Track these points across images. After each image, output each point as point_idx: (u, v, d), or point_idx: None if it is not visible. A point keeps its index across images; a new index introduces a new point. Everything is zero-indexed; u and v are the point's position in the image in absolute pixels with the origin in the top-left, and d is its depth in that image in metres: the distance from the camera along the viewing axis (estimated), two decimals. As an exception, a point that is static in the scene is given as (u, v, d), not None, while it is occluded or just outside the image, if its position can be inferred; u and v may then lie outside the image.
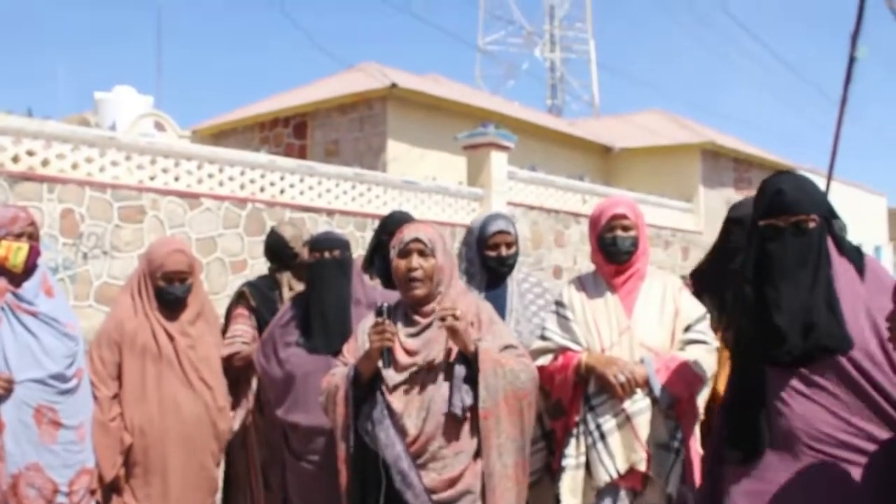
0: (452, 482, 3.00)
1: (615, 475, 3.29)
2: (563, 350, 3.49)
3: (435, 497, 2.99)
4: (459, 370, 3.04)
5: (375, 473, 3.03)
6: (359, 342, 3.23)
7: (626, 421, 3.32)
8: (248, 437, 4.23)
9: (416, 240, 3.14)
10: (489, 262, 3.97)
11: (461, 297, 3.22)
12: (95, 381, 3.70)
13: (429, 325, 3.13)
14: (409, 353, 3.09)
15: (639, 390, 3.32)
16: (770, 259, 2.68)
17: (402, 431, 3.02)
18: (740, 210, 3.70)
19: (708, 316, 3.52)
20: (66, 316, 3.66)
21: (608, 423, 3.34)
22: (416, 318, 3.16)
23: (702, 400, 3.50)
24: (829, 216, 2.71)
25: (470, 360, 3.04)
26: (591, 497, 3.35)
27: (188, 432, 3.77)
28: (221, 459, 4.07)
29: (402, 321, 3.17)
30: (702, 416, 3.50)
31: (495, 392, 3.01)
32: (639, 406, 3.32)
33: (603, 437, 3.33)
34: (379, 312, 3.08)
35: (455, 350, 3.06)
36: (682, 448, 3.35)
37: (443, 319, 2.98)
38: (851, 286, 2.64)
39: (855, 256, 2.70)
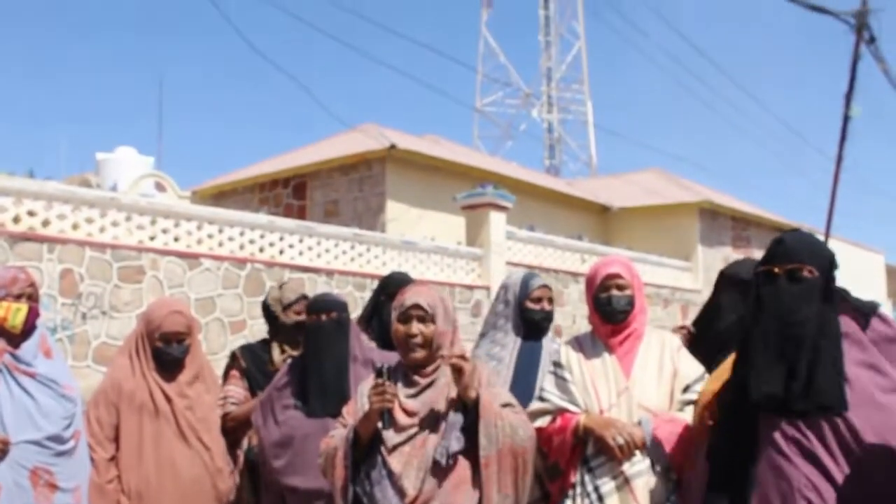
0: None
1: None
2: (561, 411, 3.48)
3: None
4: (455, 417, 3.03)
5: None
6: (358, 403, 3.22)
7: (624, 483, 3.29)
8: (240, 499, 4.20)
9: (417, 306, 3.13)
10: (533, 314, 4.04)
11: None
12: (92, 443, 3.69)
13: (429, 386, 3.13)
14: (409, 413, 3.08)
15: (638, 452, 3.30)
16: (763, 304, 2.70)
17: (400, 492, 2.99)
18: (732, 268, 3.73)
19: (706, 376, 3.52)
20: (64, 377, 3.65)
21: (606, 485, 3.31)
22: (416, 378, 3.16)
23: None
24: (831, 275, 2.72)
25: (469, 407, 3.02)
26: None
27: (186, 494, 3.75)
28: None
29: (402, 381, 3.17)
30: None
31: (495, 442, 2.99)
32: (637, 468, 3.29)
33: (601, 498, 3.30)
34: (379, 374, 3.08)
35: (451, 403, 3.05)
36: None
37: (452, 366, 2.97)
38: (852, 342, 2.64)
39: (862, 312, 2.71)
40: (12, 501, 3.34)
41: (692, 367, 3.51)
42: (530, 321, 4.04)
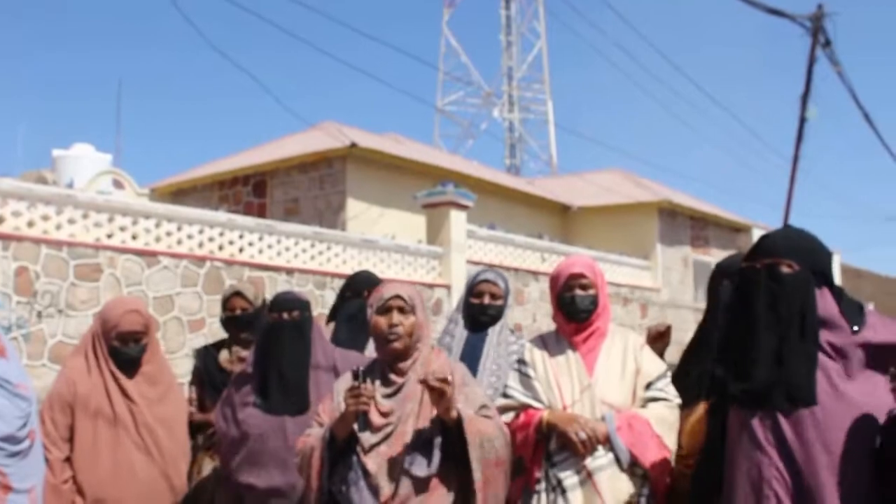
0: None
1: None
2: (524, 408, 3.49)
3: None
4: (433, 434, 3.03)
5: None
6: (335, 402, 3.21)
7: (587, 477, 3.31)
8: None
9: (397, 296, 3.16)
10: (472, 308, 4.12)
11: (435, 356, 3.24)
12: (47, 444, 3.62)
13: (404, 385, 3.13)
14: (384, 414, 3.08)
15: (600, 447, 3.32)
16: (741, 299, 2.71)
17: (375, 493, 3.00)
18: (726, 262, 3.63)
19: (669, 374, 3.54)
20: (18, 377, 3.57)
21: (570, 478, 3.33)
22: (393, 377, 3.16)
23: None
24: (820, 271, 2.70)
25: (448, 426, 3.02)
26: None
27: (143, 496, 3.70)
28: None
29: (379, 380, 3.17)
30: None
31: (481, 461, 3.01)
32: (600, 462, 3.32)
33: (564, 492, 3.32)
34: (355, 376, 3.07)
35: (428, 410, 3.05)
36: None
37: (428, 386, 2.93)
38: (836, 340, 2.62)
39: (851, 312, 2.68)
40: (-36, 504, 3.27)
41: (654, 365, 3.55)
42: (471, 315, 4.13)
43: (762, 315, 2.64)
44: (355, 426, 3.05)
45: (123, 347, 3.79)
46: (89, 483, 3.65)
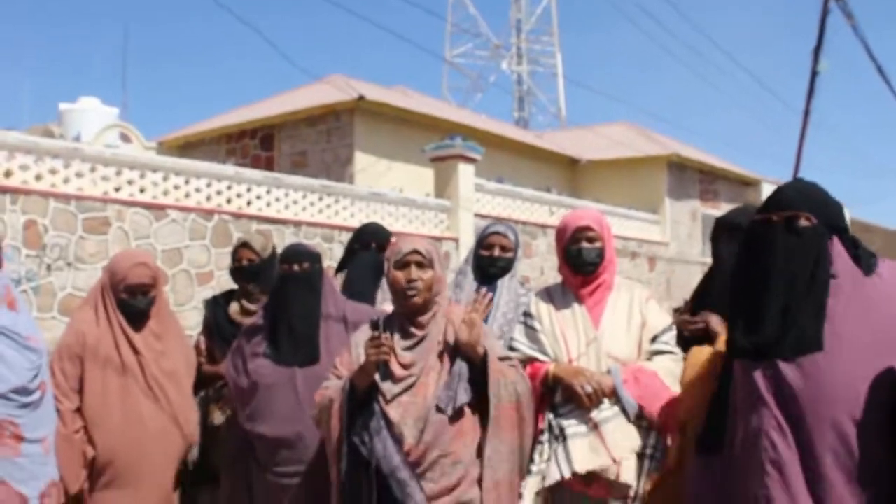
0: (451, 490, 3.02)
1: (567, 475, 3.27)
2: (530, 360, 3.51)
3: None
4: (461, 368, 3.07)
5: (369, 486, 3.04)
6: (353, 354, 3.24)
7: (593, 428, 3.33)
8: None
9: (415, 251, 3.16)
10: (482, 260, 4.08)
11: (454, 309, 3.26)
12: (58, 395, 3.65)
13: (424, 338, 3.16)
14: (405, 366, 3.11)
15: (606, 400, 3.33)
16: (758, 253, 2.66)
17: (399, 441, 3.03)
18: (729, 216, 3.61)
19: (674, 327, 3.54)
20: (28, 329, 3.60)
21: (573, 427, 3.35)
22: (413, 330, 3.18)
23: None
24: (833, 223, 2.65)
25: (473, 364, 3.07)
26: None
27: (153, 446, 3.73)
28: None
29: (399, 333, 3.19)
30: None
31: (501, 399, 3.05)
32: (606, 414, 3.33)
33: (565, 439, 3.33)
34: (375, 326, 3.09)
35: (448, 364, 3.09)
36: (659, 455, 3.34)
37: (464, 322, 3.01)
38: (852, 295, 2.59)
39: (865, 260, 2.64)
40: (-24, 454, 3.30)
41: (660, 318, 3.55)
42: (481, 267, 4.11)
43: (778, 268, 2.59)
44: (376, 376, 3.08)
45: (131, 300, 3.80)
46: (100, 433, 3.68)
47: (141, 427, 3.71)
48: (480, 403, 3.09)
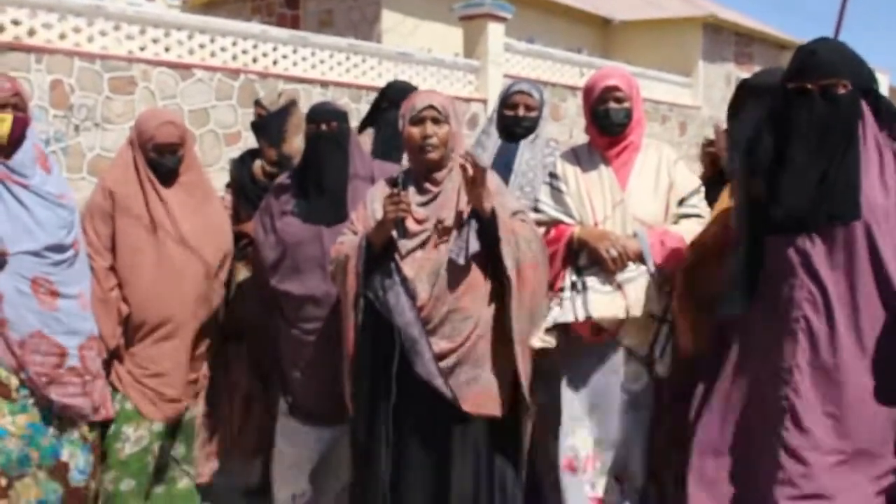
0: (459, 347, 3.07)
1: (581, 318, 3.30)
2: (555, 223, 3.50)
3: (442, 364, 3.06)
4: (471, 221, 3.07)
5: (385, 342, 3.09)
6: (368, 210, 3.25)
7: (617, 288, 3.33)
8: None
9: (430, 107, 3.13)
10: (506, 119, 4.07)
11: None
12: (91, 252, 3.69)
13: (439, 194, 3.16)
14: (420, 221, 3.13)
15: (631, 264, 3.33)
16: (793, 123, 2.55)
17: (412, 296, 3.07)
18: (757, 78, 3.33)
19: (702, 189, 3.51)
20: (59, 188, 3.62)
21: (597, 285, 3.35)
22: (428, 185, 3.19)
23: None
24: (867, 87, 2.57)
25: (484, 219, 3.07)
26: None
27: (187, 297, 3.80)
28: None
29: (414, 189, 3.19)
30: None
31: (513, 258, 3.06)
32: (629, 275, 3.33)
33: (586, 289, 3.35)
34: (394, 183, 3.11)
35: (466, 212, 3.09)
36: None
37: (463, 169, 2.97)
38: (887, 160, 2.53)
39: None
40: (15, 309, 3.37)
41: (688, 180, 3.51)
42: (505, 126, 4.09)
43: (814, 138, 2.51)
44: (394, 233, 3.09)
45: (160, 159, 3.80)
46: (133, 288, 3.73)
47: (174, 282, 3.76)
48: (494, 263, 3.09)
